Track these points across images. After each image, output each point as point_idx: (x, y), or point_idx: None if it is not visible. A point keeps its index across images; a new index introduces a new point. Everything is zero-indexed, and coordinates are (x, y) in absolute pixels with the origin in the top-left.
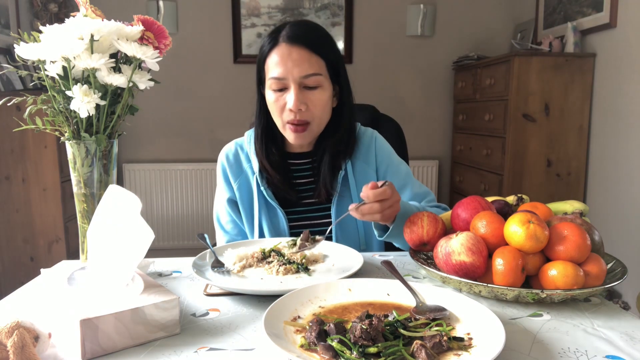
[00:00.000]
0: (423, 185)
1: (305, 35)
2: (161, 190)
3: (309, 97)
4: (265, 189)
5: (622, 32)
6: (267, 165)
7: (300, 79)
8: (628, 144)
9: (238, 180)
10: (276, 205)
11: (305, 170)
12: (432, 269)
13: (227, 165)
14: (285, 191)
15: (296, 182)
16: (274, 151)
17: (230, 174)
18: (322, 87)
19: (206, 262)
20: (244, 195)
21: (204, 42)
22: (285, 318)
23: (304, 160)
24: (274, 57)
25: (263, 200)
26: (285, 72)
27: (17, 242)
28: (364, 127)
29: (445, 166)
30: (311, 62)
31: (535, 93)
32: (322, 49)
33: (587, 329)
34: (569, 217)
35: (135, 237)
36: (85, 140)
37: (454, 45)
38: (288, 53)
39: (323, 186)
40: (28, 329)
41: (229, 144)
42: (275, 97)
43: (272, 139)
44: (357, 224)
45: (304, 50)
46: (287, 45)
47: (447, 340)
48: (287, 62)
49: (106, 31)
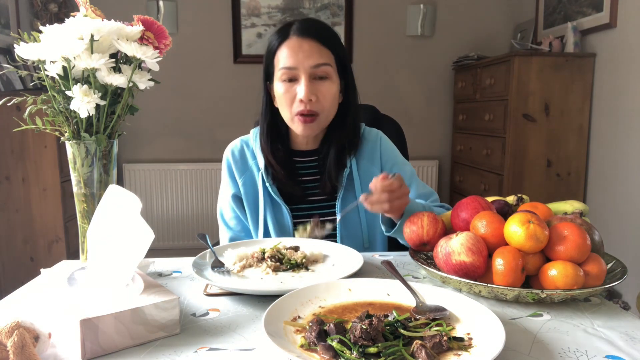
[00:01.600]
0: (427, 186)
1: (315, 29)
2: (161, 190)
3: (319, 89)
4: (270, 185)
5: (622, 32)
6: (272, 161)
7: (311, 69)
8: (628, 144)
9: (243, 177)
10: (281, 201)
11: (310, 168)
12: (432, 269)
13: (232, 161)
14: (290, 187)
15: (301, 179)
16: (279, 147)
17: (236, 170)
18: (331, 79)
19: (206, 262)
20: (249, 191)
21: (204, 42)
22: (285, 318)
23: (310, 158)
24: (285, 50)
25: (268, 196)
26: (296, 62)
27: (17, 242)
28: (369, 127)
29: (445, 166)
30: (322, 53)
31: (535, 93)
32: (331, 42)
33: (587, 329)
34: (569, 217)
35: (135, 237)
36: (85, 140)
37: (454, 45)
38: (299, 45)
39: (328, 179)
40: (28, 329)
41: (235, 141)
42: (285, 88)
43: (278, 135)
44: (361, 222)
45: (315, 42)
46: (297, 38)
47: (447, 340)
48: (298, 53)
49: (106, 31)
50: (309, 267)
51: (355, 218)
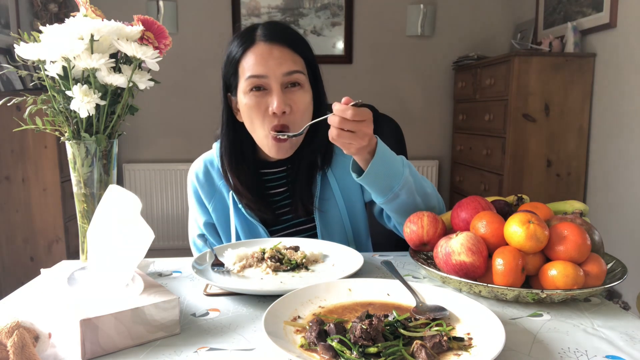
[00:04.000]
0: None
1: (283, 33)
2: (161, 190)
3: (292, 98)
4: (243, 206)
5: (622, 32)
6: (238, 186)
7: (282, 77)
8: (628, 144)
9: (212, 201)
10: (257, 222)
11: (280, 180)
12: (432, 269)
13: (198, 186)
14: (261, 211)
15: (271, 192)
16: (244, 167)
17: (204, 195)
18: (304, 87)
19: (206, 262)
20: (220, 215)
21: (204, 42)
22: (285, 318)
23: (278, 169)
24: (251, 57)
25: (243, 217)
26: (266, 70)
27: (17, 242)
28: None
29: (445, 166)
30: (294, 60)
31: (535, 93)
32: (301, 47)
33: (587, 329)
34: (569, 217)
35: (135, 237)
36: (85, 140)
37: (454, 45)
38: (268, 51)
39: (300, 201)
40: (28, 329)
41: (196, 162)
42: (255, 100)
43: (242, 152)
44: (344, 223)
45: (285, 48)
46: (266, 44)
47: (447, 340)
48: (267, 60)
49: (106, 31)
50: (309, 267)
51: (337, 220)
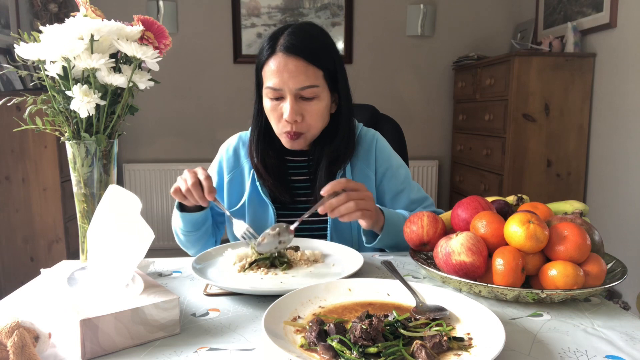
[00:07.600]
0: (422, 190)
1: (302, 45)
2: (161, 190)
3: (305, 108)
4: (261, 184)
5: (622, 32)
6: (261, 169)
7: (296, 90)
8: (628, 144)
9: (232, 173)
10: (269, 201)
11: (302, 168)
12: (432, 269)
13: (225, 158)
14: (279, 193)
15: (292, 179)
16: (270, 154)
17: (226, 165)
18: (319, 97)
19: (206, 262)
20: (233, 188)
21: (204, 42)
22: (285, 318)
23: (302, 158)
24: (271, 66)
25: (256, 194)
26: (281, 83)
27: (17, 242)
28: (366, 128)
29: (445, 166)
30: (307, 74)
31: (535, 93)
32: (319, 59)
33: (587, 329)
34: (569, 217)
35: (135, 237)
36: (85, 140)
37: (454, 45)
38: (284, 64)
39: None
40: (28, 329)
41: (233, 137)
42: (272, 105)
43: (270, 140)
44: (351, 224)
45: (301, 61)
46: (283, 56)
47: (447, 340)
48: (283, 73)
49: (106, 31)
50: (309, 267)
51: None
